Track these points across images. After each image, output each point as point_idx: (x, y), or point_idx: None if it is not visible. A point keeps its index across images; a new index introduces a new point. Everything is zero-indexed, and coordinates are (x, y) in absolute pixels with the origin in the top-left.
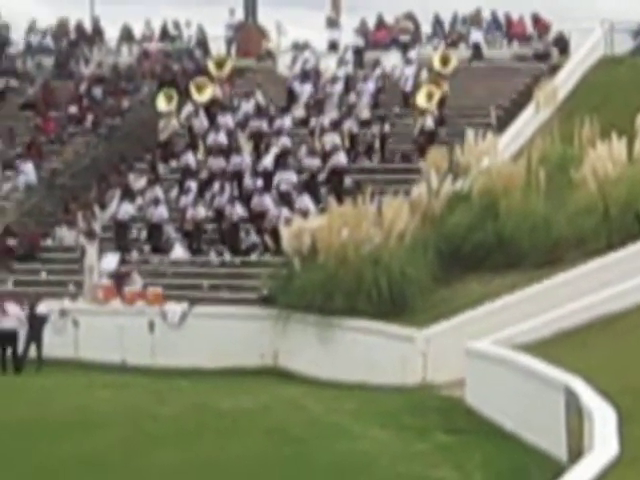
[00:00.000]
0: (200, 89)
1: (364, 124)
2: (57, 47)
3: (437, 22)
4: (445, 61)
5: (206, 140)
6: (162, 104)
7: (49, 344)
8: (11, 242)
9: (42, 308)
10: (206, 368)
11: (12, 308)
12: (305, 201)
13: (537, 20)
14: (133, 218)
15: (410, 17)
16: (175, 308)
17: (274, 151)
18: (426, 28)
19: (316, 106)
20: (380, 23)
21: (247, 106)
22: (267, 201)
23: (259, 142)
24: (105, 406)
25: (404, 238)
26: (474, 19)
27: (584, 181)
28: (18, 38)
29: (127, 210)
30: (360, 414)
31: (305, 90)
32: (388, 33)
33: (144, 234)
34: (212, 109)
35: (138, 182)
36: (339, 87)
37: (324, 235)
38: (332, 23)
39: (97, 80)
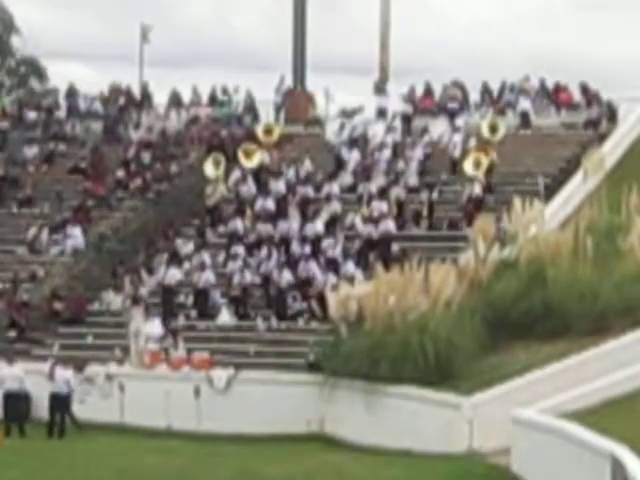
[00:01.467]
0: (248, 155)
1: (412, 191)
2: (106, 112)
3: (485, 90)
4: (494, 129)
5: (254, 205)
6: (210, 169)
7: (95, 408)
8: (58, 306)
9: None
10: (252, 434)
11: (61, 372)
12: (351, 267)
13: (585, 89)
14: (180, 283)
15: (458, 85)
16: (221, 374)
17: (322, 217)
18: (474, 96)
19: (364, 173)
20: (428, 90)
21: (295, 172)
22: (314, 267)
23: (306, 208)
24: (150, 471)
25: (451, 305)
26: (522, 87)
27: (631, 249)
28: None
29: (174, 275)
30: None
31: (353, 157)
32: (436, 100)
33: (191, 299)
34: (260, 175)
35: (185, 247)
36: (387, 154)
37: (371, 302)
38: (380, 90)
39: (145, 145)
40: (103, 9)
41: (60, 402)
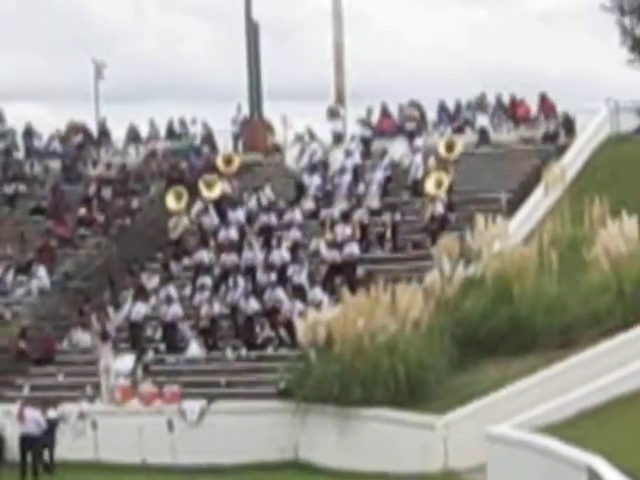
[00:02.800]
0: (209, 186)
1: (374, 213)
2: (64, 150)
3: (442, 109)
4: (450, 147)
5: (217, 236)
6: (172, 203)
7: (68, 447)
8: (26, 346)
9: (52, 413)
10: (227, 464)
11: (31, 413)
12: (318, 293)
13: (544, 100)
14: (147, 318)
15: (415, 105)
16: (193, 406)
17: (285, 245)
18: (431, 115)
19: (325, 198)
20: (385, 112)
21: (256, 201)
22: (280, 295)
23: (269, 236)
24: None
25: (419, 325)
26: (479, 104)
27: (596, 260)
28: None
29: (140, 310)
30: None
31: (314, 182)
32: (394, 122)
33: (159, 333)
34: (222, 205)
35: (151, 281)
36: (347, 178)
37: (339, 326)
38: (333, 114)
39: (106, 181)
40: (53, 47)
41: (30, 442)
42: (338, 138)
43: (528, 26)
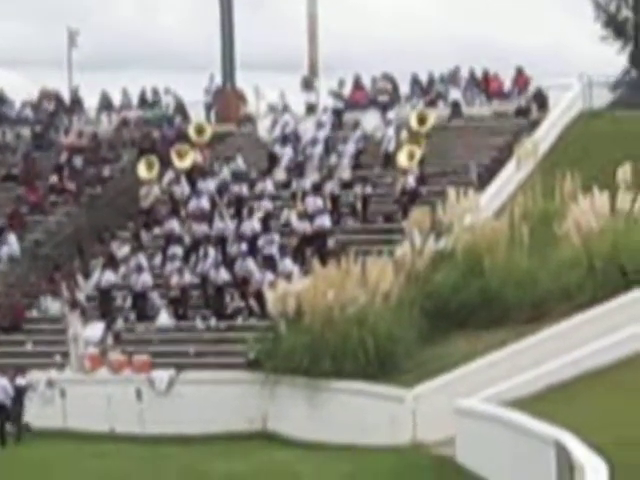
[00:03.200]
0: (181, 155)
1: (346, 185)
2: (36, 117)
3: (415, 82)
4: (422, 120)
5: (188, 206)
6: (143, 172)
7: (36, 415)
8: None
9: (20, 380)
10: (195, 434)
11: None
12: (288, 264)
13: (520, 74)
14: (117, 286)
15: (388, 77)
16: (162, 375)
17: (257, 215)
18: (404, 88)
19: (297, 169)
20: (358, 84)
21: (228, 171)
22: (251, 265)
23: (241, 207)
24: (94, 475)
25: (389, 298)
26: (452, 77)
27: (567, 235)
28: None
29: (110, 278)
30: (352, 476)
31: (286, 153)
32: (367, 94)
33: (129, 302)
34: (193, 175)
35: (121, 250)
36: (319, 149)
37: (309, 297)
38: (307, 85)
39: (77, 150)
40: (28, 15)
41: None
42: (311, 109)
43: (501, 0)
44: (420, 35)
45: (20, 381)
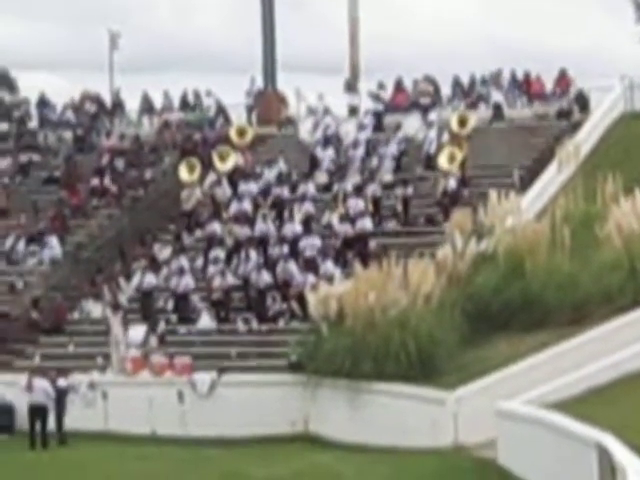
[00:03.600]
0: (222, 158)
1: (387, 187)
2: (78, 120)
3: (456, 84)
4: (463, 122)
5: (229, 209)
6: (184, 174)
7: (78, 417)
8: (37, 316)
9: (62, 382)
10: (237, 437)
11: (39, 382)
12: (330, 266)
13: (563, 76)
14: (159, 288)
15: (429, 79)
16: (204, 377)
17: (298, 218)
18: (446, 90)
19: (338, 171)
20: (399, 86)
21: (270, 173)
22: (292, 267)
23: (282, 209)
24: (136, 478)
25: (431, 300)
26: (495, 79)
27: (609, 238)
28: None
29: (152, 281)
30: (393, 478)
31: (327, 155)
32: (408, 96)
33: (170, 304)
34: (235, 177)
35: (163, 253)
36: (360, 151)
37: (350, 300)
38: (350, 88)
39: (119, 152)
40: (69, 18)
41: (39, 412)
42: (353, 111)
43: (542, 2)
44: (461, 37)
45: (62, 383)
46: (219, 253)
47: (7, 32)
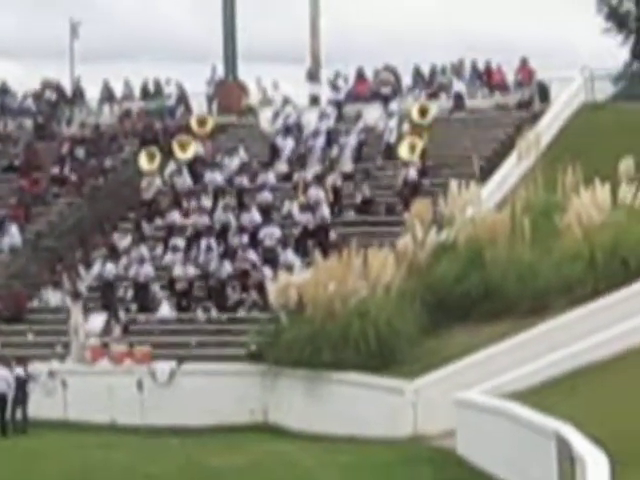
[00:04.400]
0: (183, 147)
1: (347, 177)
2: (38, 108)
3: (417, 73)
4: (423, 112)
5: (190, 198)
6: (145, 163)
7: (38, 405)
8: None
9: (19, 370)
10: (196, 426)
11: None
12: (290, 256)
13: (524, 65)
14: (119, 277)
15: (390, 69)
16: (163, 366)
17: (257, 207)
18: (406, 80)
19: (299, 161)
20: (360, 76)
21: (231, 162)
22: (252, 257)
23: (242, 198)
24: (95, 466)
25: (390, 290)
26: (456, 69)
27: (569, 228)
28: None
29: (112, 270)
30: (352, 468)
31: (287, 145)
32: (369, 86)
33: (130, 293)
34: (195, 166)
35: (123, 241)
36: (321, 141)
37: (310, 289)
38: (313, 77)
39: (79, 141)
40: (30, 6)
41: None
42: (315, 101)
43: None
44: (422, 27)
45: (20, 372)
46: (178, 242)
47: None
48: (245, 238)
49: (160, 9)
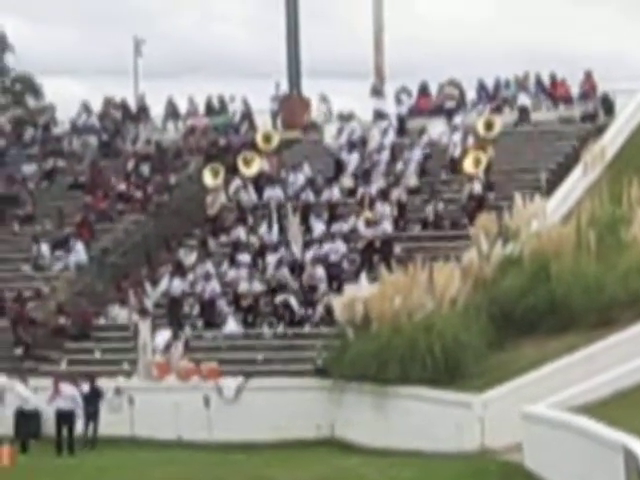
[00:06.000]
0: (247, 163)
1: (412, 192)
2: (103, 126)
3: (481, 87)
4: (489, 126)
5: (256, 213)
6: (209, 179)
7: (104, 422)
8: (63, 322)
9: (85, 387)
10: (263, 441)
11: (66, 388)
12: (356, 271)
13: (588, 78)
14: (185, 294)
15: (454, 83)
16: (230, 382)
17: (324, 221)
18: (471, 94)
19: (364, 176)
20: (424, 90)
21: (295, 178)
22: (318, 272)
23: (308, 214)
24: None
25: (456, 304)
26: (521, 82)
27: (634, 241)
28: (62, 118)
29: (179, 286)
30: None
31: (352, 160)
32: (433, 100)
33: (196, 309)
34: (260, 182)
35: (188, 258)
36: (385, 156)
37: (376, 304)
38: (377, 92)
39: (144, 157)
40: (93, 24)
41: (66, 418)
42: (379, 116)
43: (561, 7)
44: (485, 41)
45: (85, 388)
46: (244, 257)
47: (32, 37)
48: (311, 253)
49: (222, 25)
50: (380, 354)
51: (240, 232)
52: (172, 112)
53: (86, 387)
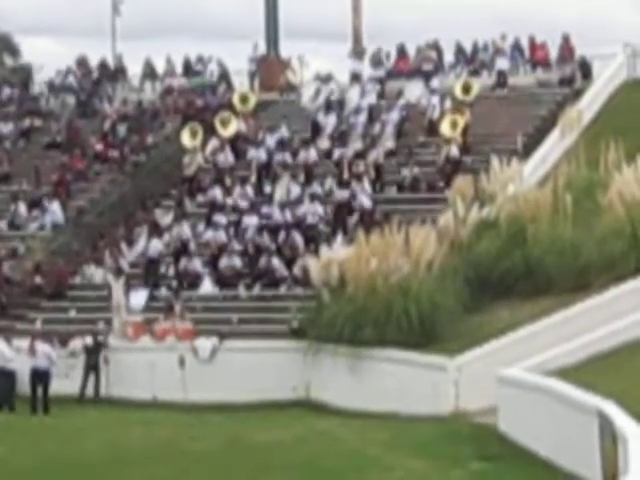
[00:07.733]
0: (225, 124)
1: (389, 154)
2: (80, 85)
3: (459, 50)
4: (467, 89)
5: (234, 174)
6: (187, 139)
7: (79, 382)
8: (40, 281)
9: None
10: (238, 402)
11: (42, 347)
12: (332, 233)
13: (566, 42)
14: (162, 254)
15: (432, 46)
16: (205, 343)
17: (300, 183)
18: (448, 57)
19: (340, 137)
20: (402, 53)
21: (272, 139)
22: (295, 234)
23: (284, 174)
24: (137, 443)
25: (432, 267)
26: (498, 46)
27: (611, 205)
28: (39, 78)
29: (156, 246)
30: (394, 444)
31: (329, 122)
32: (410, 62)
33: (172, 270)
34: (237, 143)
35: (165, 218)
36: (363, 118)
37: (352, 266)
38: (356, 54)
39: (121, 117)
40: None
41: (41, 377)
42: (356, 78)
43: None
44: (464, 4)
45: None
46: (221, 219)
47: None
48: (288, 215)
49: None
50: (356, 316)
51: (217, 192)
52: (150, 72)
53: (89, 340)
